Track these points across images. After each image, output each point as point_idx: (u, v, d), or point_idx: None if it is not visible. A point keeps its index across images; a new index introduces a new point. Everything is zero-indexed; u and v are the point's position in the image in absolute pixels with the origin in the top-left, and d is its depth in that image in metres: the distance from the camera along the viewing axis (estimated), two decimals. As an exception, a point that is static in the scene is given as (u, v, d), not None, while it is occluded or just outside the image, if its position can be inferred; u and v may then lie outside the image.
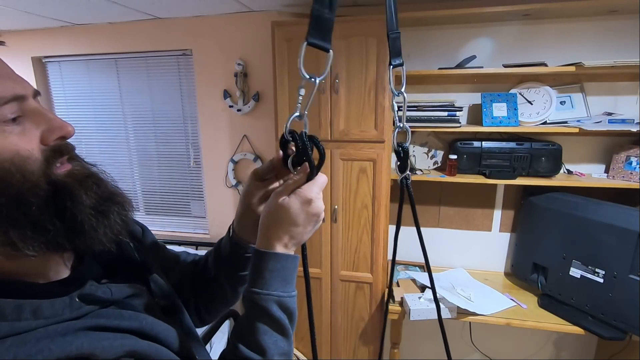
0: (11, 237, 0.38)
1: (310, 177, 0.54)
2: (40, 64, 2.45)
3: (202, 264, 0.71)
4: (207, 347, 1.90)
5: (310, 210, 0.53)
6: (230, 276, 0.67)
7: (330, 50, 0.56)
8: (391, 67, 0.64)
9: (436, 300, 0.78)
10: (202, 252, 0.76)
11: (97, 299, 0.46)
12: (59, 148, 0.45)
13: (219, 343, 1.94)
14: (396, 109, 0.68)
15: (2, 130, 0.40)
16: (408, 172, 0.73)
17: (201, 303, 0.70)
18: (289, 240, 0.53)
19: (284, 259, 0.53)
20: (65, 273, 0.48)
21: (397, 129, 0.68)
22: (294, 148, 0.57)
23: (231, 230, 0.65)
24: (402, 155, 0.71)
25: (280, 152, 0.58)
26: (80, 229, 0.43)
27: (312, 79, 0.55)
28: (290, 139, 0.56)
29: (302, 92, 0.56)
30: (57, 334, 0.39)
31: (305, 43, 0.53)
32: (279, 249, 0.53)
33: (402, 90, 0.64)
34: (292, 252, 0.54)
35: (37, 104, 0.47)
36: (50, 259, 0.46)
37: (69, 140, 0.50)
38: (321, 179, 0.54)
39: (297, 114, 0.55)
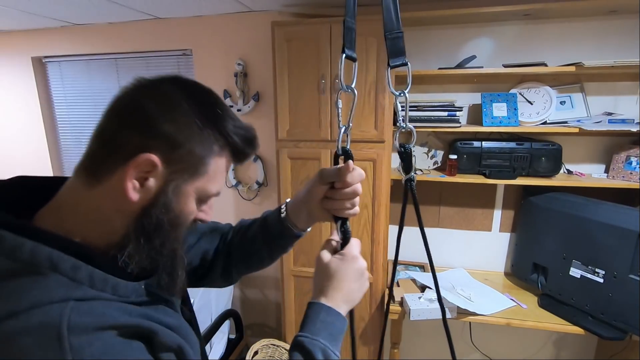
0: (133, 253, 0.49)
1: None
2: (40, 64, 2.45)
3: (242, 232, 0.77)
4: (207, 347, 1.90)
5: (356, 267, 0.59)
6: (273, 248, 0.74)
7: (356, 60, 0.59)
8: (389, 67, 0.63)
9: (441, 303, 0.78)
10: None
11: (154, 293, 0.53)
12: (201, 221, 0.58)
13: (219, 343, 1.94)
14: (400, 108, 0.68)
15: (199, 199, 0.54)
16: (413, 173, 0.72)
17: (234, 265, 0.76)
18: (341, 298, 0.58)
19: (334, 314, 0.57)
20: None
21: (399, 130, 0.68)
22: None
23: (283, 212, 0.70)
24: (405, 156, 0.70)
25: (350, 162, 0.62)
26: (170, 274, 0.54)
27: (349, 90, 0.57)
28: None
29: (340, 104, 0.58)
30: (125, 311, 0.47)
31: (344, 56, 0.56)
32: (332, 304, 0.57)
33: (406, 90, 0.64)
34: (343, 313, 0.58)
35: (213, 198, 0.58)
36: None
37: None
38: (357, 240, 0.62)
39: (342, 128, 0.59)
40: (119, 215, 0.49)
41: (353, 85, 0.56)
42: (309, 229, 0.73)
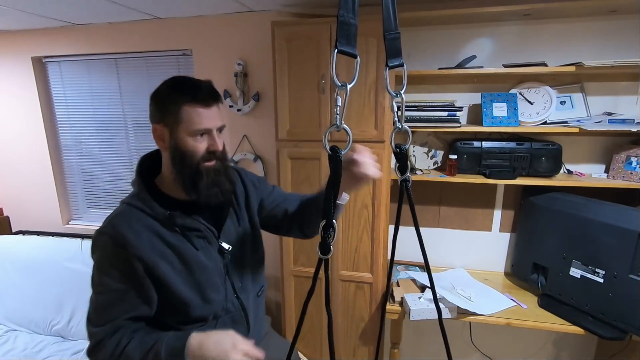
0: (200, 188, 0.89)
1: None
2: (40, 64, 2.45)
3: (304, 202, 1.07)
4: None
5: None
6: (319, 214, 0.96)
7: (358, 56, 0.57)
8: (387, 68, 0.64)
9: (436, 303, 0.78)
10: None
11: (176, 222, 0.90)
12: (214, 154, 0.90)
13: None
14: (395, 109, 0.68)
15: (196, 138, 0.87)
16: (408, 174, 0.72)
17: (303, 224, 1.06)
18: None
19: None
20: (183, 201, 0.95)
21: (395, 130, 0.68)
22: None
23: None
24: (400, 157, 0.71)
25: (354, 146, 0.80)
26: (198, 189, 0.89)
27: (343, 86, 0.56)
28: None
29: (340, 101, 0.57)
30: (142, 219, 0.89)
31: (336, 51, 0.54)
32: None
33: (402, 91, 0.64)
34: None
35: (216, 132, 0.90)
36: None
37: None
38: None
39: (334, 125, 0.59)
40: (166, 161, 0.92)
41: (353, 83, 0.56)
42: (346, 198, 0.91)
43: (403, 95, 0.63)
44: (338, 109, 0.57)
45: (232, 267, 1.01)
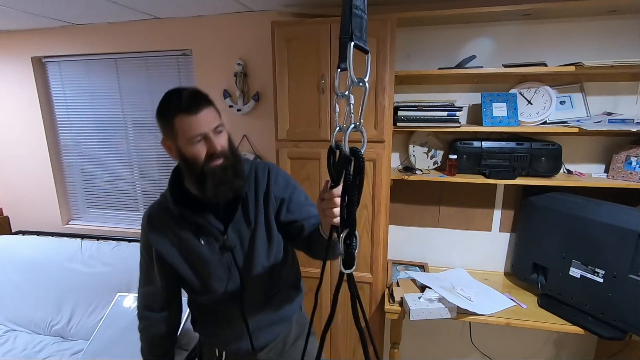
0: (207, 189, 0.94)
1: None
2: (40, 64, 2.45)
3: (316, 232, 0.97)
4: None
5: None
6: (317, 249, 1.00)
7: (369, 52, 0.54)
8: (339, 70, 0.57)
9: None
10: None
11: (189, 218, 1.01)
12: (214, 154, 0.93)
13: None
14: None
15: (194, 144, 0.92)
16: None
17: (311, 252, 1.03)
18: None
19: None
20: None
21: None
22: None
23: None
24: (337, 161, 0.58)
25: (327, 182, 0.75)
26: (205, 189, 0.95)
27: (361, 83, 0.52)
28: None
29: (352, 99, 0.53)
30: (163, 214, 1.06)
31: (352, 44, 0.52)
32: None
33: (346, 92, 0.56)
34: None
35: (212, 134, 0.93)
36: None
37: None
38: None
39: (352, 125, 0.54)
40: (182, 166, 0.99)
41: (367, 77, 0.52)
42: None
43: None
44: (352, 107, 0.53)
45: (241, 263, 1.05)
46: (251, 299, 1.09)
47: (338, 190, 0.73)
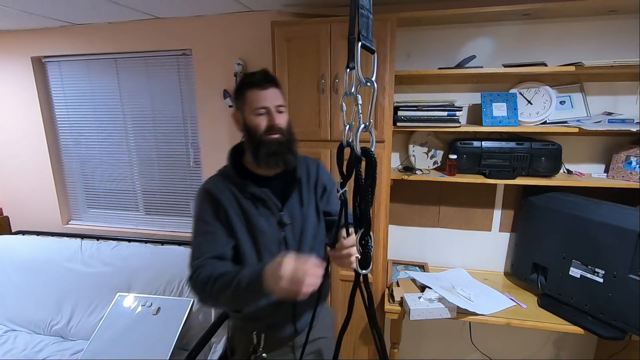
0: (261, 157, 1.06)
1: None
2: (40, 64, 2.45)
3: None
4: (207, 347, 1.90)
5: (275, 266, 0.89)
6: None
7: (375, 51, 0.55)
8: (348, 70, 0.60)
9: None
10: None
11: (247, 190, 1.09)
12: (272, 127, 1.06)
13: (219, 343, 1.94)
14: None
15: (257, 115, 1.06)
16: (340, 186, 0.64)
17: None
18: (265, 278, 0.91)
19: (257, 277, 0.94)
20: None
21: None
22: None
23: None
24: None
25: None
26: (259, 158, 1.07)
27: (369, 83, 0.53)
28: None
29: (360, 99, 0.54)
30: (225, 185, 1.10)
31: (360, 44, 0.52)
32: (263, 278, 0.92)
33: (352, 91, 0.59)
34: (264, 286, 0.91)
35: (274, 110, 1.07)
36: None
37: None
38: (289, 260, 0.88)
39: (362, 125, 0.54)
40: (244, 140, 1.11)
41: (374, 76, 0.53)
42: None
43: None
44: (361, 107, 0.54)
45: (291, 241, 1.12)
46: None
47: (352, 239, 0.89)
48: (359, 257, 0.56)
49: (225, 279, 0.98)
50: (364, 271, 0.55)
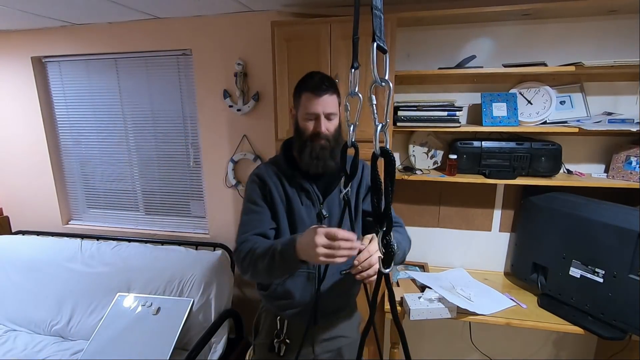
0: (304, 158, 1.14)
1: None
2: (40, 64, 2.45)
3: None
4: (207, 347, 1.90)
5: (309, 234, 0.93)
6: None
7: (387, 51, 0.55)
8: (352, 70, 0.61)
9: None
10: (202, 252, 1.00)
11: (297, 179, 1.18)
12: (318, 134, 1.11)
13: (218, 343, 1.94)
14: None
15: (307, 120, 1.13)
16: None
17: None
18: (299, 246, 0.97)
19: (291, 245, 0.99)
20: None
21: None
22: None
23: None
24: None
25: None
26: (302, 158, 1.15)
27: (384, 83, 0.53)
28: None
29: (374, 99, 0.53)
30: (273, 173, 1.20)
31: (375, 44, 0.53)
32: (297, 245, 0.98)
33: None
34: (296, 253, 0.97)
35: (323, 117, 1.11)
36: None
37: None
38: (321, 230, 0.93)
39: (379, 124, 0.53)
40: (294, 133, 1.18)
41: (387, 75, 0.53)
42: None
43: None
44: (376, 107, 0.53)
45: None
46: (329, 272, 1.17)
47: (374, 246, 1.02)
48: (382, 256, 0.56)
49: (263, 247, 1.06)
50: (386, 270, 0.54)
